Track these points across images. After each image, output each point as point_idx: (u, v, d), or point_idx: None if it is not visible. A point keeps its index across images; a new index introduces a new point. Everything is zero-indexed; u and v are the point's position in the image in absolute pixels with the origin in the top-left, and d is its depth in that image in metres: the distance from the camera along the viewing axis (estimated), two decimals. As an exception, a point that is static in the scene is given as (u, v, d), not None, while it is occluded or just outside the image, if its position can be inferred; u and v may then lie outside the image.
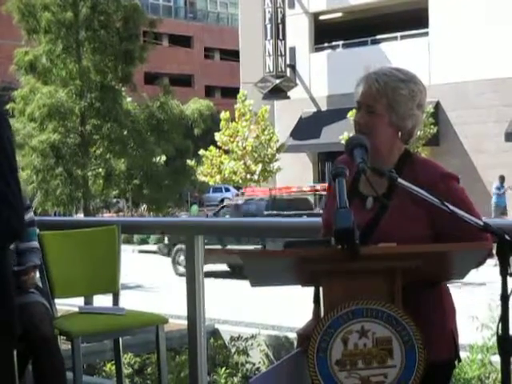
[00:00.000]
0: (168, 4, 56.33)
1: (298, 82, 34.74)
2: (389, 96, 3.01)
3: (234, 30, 43.27)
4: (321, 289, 2.76)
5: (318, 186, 27.67)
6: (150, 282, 17.56)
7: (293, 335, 10.12)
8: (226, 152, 32.09)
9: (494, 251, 2.70)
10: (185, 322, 4.82)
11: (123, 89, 31.63)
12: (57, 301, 4.91)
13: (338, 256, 2.62)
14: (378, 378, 2.68)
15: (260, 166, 31.94)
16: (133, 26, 31.39)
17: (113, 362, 4.93)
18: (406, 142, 3.12)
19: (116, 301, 5.00)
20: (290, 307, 7.36)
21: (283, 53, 34.80)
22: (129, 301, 4.21)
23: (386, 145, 3.05)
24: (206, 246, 4.90)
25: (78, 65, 30.07)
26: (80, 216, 27.03)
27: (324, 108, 33.87)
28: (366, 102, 3.04)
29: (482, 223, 2.74)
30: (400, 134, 3.07)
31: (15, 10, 29.27)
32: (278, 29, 34.67)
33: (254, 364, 11.19)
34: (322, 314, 2.73)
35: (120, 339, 4.97)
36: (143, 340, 4.50)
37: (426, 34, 31.40)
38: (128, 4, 32.33)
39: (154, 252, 24.90)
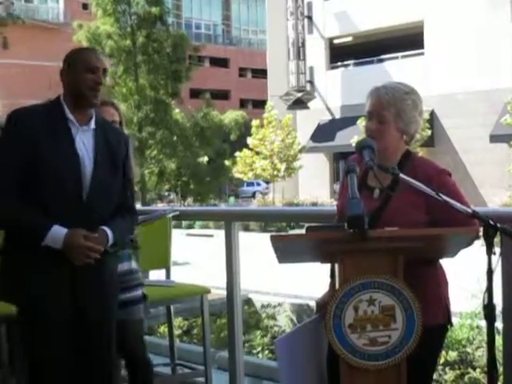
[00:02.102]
0: (208, 32, 56.52)
1: (316, 94, 34.65)
2: (397, 106, 3.00)
3: (263, 52, 43.25)
4: (336, 265, 2.76)
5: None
6: (195, 259, 17.59)
7: (313, 303, 10.12)
8: (257, 153, 32.12)
9: (481, 234, 2.68)
10: (224, 292, 4.82)
11: (172, 102, 31.78)
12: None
13: (350, 238, 2.61)
14: (384, 339, 2.69)
15: (284, 164, 31.93)
16: (180, 51, 31.57)
17: (165, 324, 4.93)
18: (407, 144, 3.10)
19: (168, 275, 5.03)
20: (310, 280, 7.35)
21: (303, 71, 34.73)
22: (178, 275, 4.21)
23: (392, 146, 3.04)
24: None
25: (135, 83, 30.27)
26: (138, 206, 27.01)
27: (338, 116, 33.76)
28: (377, 112, 3.02)
29: (470, 211, 2.72)
30: (404, 137, 3.06)
31: (84, 39, 29.47)
32: (299, 51, 34.59)
33: (280, 327, 11.18)
34: (337, 286, 2.73)
35: (171, 306, 4.98)
36: (190, 306, 4.52)
37: (423, 53, 31.17)
38: (176, 33, 32.46)
39: (199, 235, 24.95)
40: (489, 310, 2.57)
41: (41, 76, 38.05)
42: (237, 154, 32.71)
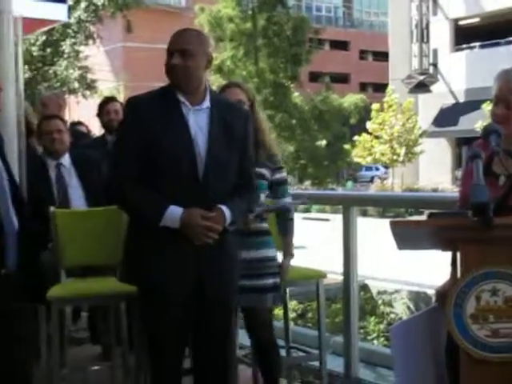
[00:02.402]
0: (329, 15, 56.09)
1: (439, 78, 33.89)
2: None
3: (385, 35, 42.58)
4: (458, 253, 2.68)
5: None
6: (311, 243, 17.59)
7: (431, 292, 9.93)
8: (376, 137, 31.74)
9: None
10: (339, 277, 4.79)
11: (292, 85, 31.81)
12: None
13: (474, 226, 2.53)
14: (507, 331, 2.59)
15: (404, 149, 31.42)
16: (300, 34, 31.55)
17: (281, 307, 4.94)
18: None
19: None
20: (430, 268, 7.21)
21: (427, 53, 34.03)
22: (294, 258, 4.20)
23: None
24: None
25: (255, 66, 30.46)
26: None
27: (461, 100, 32.91)
28: (504, 96, 2.90)
29: None
30: None
31: (206, 23, 29.90)
32: (423, 33, 33.89)
33: (397, 314, 11.07)
34: (459, 275, 2.65)
35: (287, 289, 4.99)
36: (305, 290, 4.52)
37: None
38: (297, 16, 32.45)
39: (315, 219, 24.91)
40: None
41: (163, 59, 38.84)
42: (355, 137, 32.43)
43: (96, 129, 8.87)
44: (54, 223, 4.20)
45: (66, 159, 4.96)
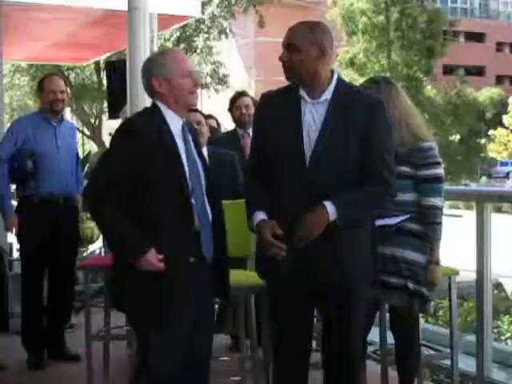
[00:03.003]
0: (464, 6, 54.61)
1: None
2: None
3: (524, 26, 41.13)
4: None
5: None
6: (444, 240, 17.22)
7: None
8: (513, 132, 30.68)
9: None
10: (471, 275, 4.67)
11: (425, 79, 31.27)
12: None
13: None
14: None
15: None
16: (435, 26, 30.95)
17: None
18: None
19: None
20: None
21: None
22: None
23: None
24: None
25: (388, 60, 30.13)
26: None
27: None
28: None
29: None
30: None
31: (338, 16, 29.82)
32: None
33: (533, 316, 10.65)
34: None
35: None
36: (437, 287, 4.41)
37: None
38: (431, 8, 31.90)
39: (447, 215, 24.27)
40: None
41: (295, 54, 38.98)
42: (491, 132, 31.45)
43: (228, 123, 9.01)
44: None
45: (204, 152, 5.03)
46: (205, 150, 4.99)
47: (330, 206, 3.08)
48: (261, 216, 3.19)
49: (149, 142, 3.09)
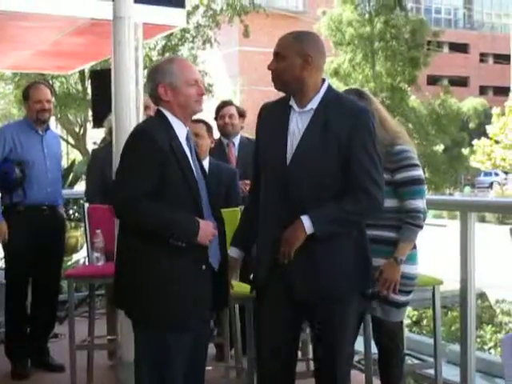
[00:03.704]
0: (448, 17, 54.93)
1: None
2: None
3: (506, 37, 41.36)
4: None
5: None
6: (428, 250, 17.28)
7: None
8: (496, 142, 30.84)
9: None
10: (454, 284, 4.68)
11: (409, 89, 31.41)
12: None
13: None
14: None
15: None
16: (419, 37, 31.15)
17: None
18: None
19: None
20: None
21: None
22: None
23: None
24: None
25: (372, 70, 30.25)
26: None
27: None
28: None
29: None
30: None
31: (325, 27, 29.95)
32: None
33: (517, 324, 10.70)
34: None
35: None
36: (421, 297, 4.42)
37: None
38: (415, 19, 32.09)
39: (431, 224, 24.36)
40: None
41: (280, 63, 39.05)
42: (475, 142, 31.62)
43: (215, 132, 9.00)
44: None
45: (205, 163, 5.02)
46: (206, 161, 4.97)
47: (306, 221, 3.08)
48: (232, 252, 3.39)
49: (162, 150, 3.12)
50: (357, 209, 3.13)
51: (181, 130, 3.26)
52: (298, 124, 3.18)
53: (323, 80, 3.24)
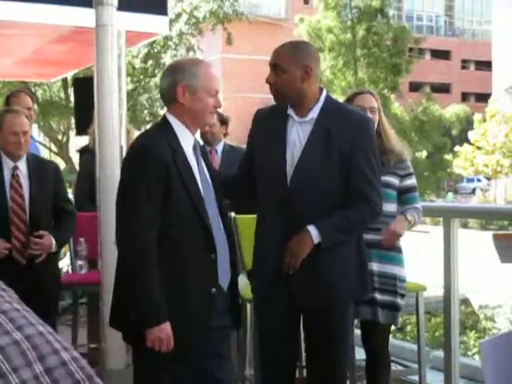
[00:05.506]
0: (430, 24, 55.28)
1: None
2: None
3: (487, 43, 41.68)
4: None
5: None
6: (411, 256, 17.32)
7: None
8: (478, 148, 31.03)
9: None
10: (438, 290, 4.70)
11: (392, 96, 31.54)
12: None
13: None
14: None
15: (509, 160, 30.59)
16: (401, 44, 31.34)
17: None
18: None
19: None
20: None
21: (532, 62, 33.13)
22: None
23: None
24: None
25: (354, 77, 30.35)
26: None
27: None
28: None
29: None
30: None
31: (304, 33, 29.99)
32: (528, 42, 33.02)
33: (499, 329, 10.75)
34: None
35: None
36: (405, 303, 4.43)
37: None
38: (397, 26, 32.26)
39: (415, 231, 24.41)
40: None
41: (262, 70, 39.12)
42: (457, 148, 31.81)
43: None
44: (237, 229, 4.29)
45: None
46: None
47: (313, 230, 3.08)
48: None
49: (164, 166, 2.88)
50: (360, 217, 3.18)
51: (187, 140, 3.03)
52: (298, 135, 3.17)
53: (321, 89, 3.25)
